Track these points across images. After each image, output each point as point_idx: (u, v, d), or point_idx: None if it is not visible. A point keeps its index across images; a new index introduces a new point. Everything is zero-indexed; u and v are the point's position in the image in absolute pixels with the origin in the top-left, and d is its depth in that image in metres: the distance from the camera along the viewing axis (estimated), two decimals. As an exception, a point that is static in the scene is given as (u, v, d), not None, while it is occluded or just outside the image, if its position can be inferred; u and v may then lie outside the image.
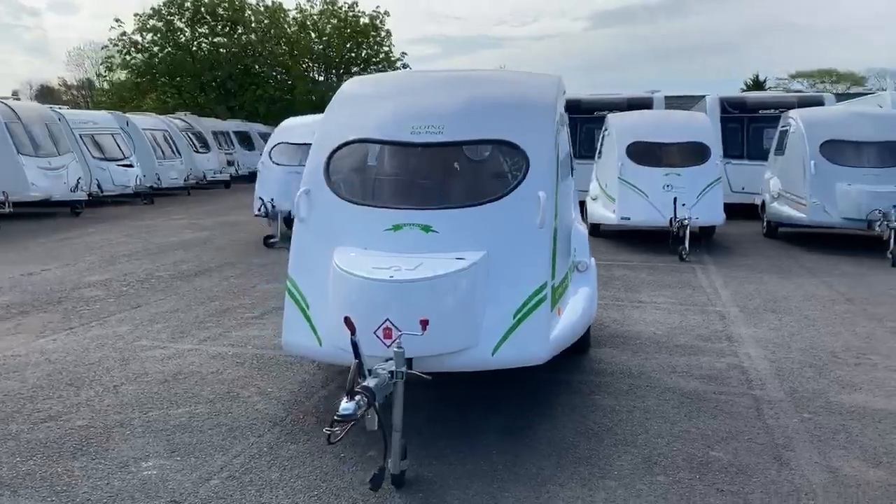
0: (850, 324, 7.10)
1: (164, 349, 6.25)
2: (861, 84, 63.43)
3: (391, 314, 3.83)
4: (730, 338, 6.60)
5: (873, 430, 4.51)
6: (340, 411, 3.28)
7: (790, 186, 12.40)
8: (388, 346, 3.82)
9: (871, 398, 5.07)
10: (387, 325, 3.83)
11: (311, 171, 4.79)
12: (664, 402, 5.00)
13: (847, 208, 11.09)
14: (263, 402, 5.00)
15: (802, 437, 4.41)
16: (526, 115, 4.83)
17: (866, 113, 13.22)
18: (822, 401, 5.01)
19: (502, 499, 3.65)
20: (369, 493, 3.69)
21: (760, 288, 8.83)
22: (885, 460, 4.09)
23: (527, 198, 4.46)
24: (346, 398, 3.31)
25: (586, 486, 3.80)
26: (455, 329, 3.98)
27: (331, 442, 3.50)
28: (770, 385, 5.33)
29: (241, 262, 10.64)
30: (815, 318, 7.33)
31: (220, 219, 16.79)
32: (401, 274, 3.93)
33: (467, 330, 4.06)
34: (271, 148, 13.47)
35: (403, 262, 4.07)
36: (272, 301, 8.08)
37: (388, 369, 3.59)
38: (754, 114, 16.84)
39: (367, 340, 3.85)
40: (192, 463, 4.06)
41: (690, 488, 3.76)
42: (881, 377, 5.50)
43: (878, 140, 11.54)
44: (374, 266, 4.04)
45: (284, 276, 4.81)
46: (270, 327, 6.95)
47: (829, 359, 5.96)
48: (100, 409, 4.85)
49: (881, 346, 6.34)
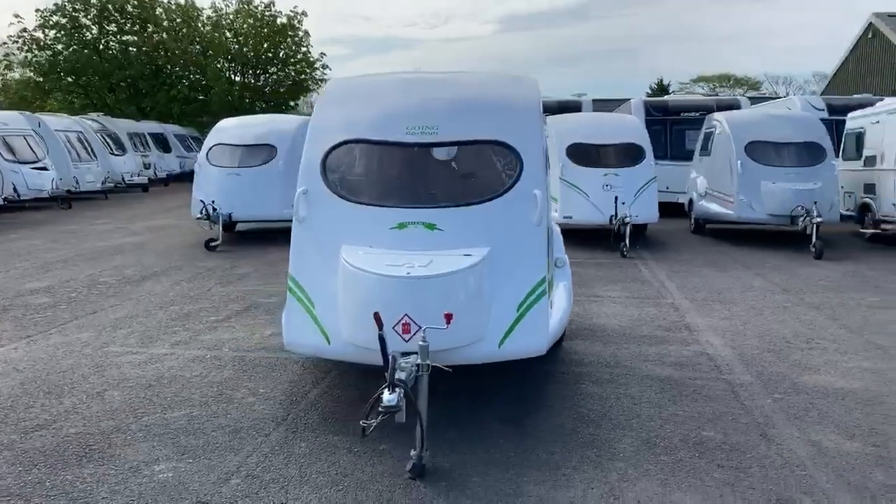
0: (792, 312, 7.61)
1: (136, 354, 6.11)
2: (757, 88, 66.95)
3: (410, 309, 3.93)
4: (688, 327, 6.98)
5: (839, 407, 4.90)
6: (385, 403, 3.38)
7: (717, 185, 13.09)
8: (408, 341, 3.92)
9: (830, 378, 5.49)
10: (405, 321, 3.93)
11: (307, 171, 4.82)
12: (646, 388, 5.28)
13: (772, 205, 11.81)
14: (259, 402, 4.99)
15: (779, 415, 4.76)
16: (516, 115, 5.01)
17: (785, 115, 14.10)
18: (787, 383, 5.40)
19: (523, 484, 3.81)
20: (395, 484, 3.79)
21: (702, 281, 9.33)
22: (857, 433, 4.47)
23: (523, 196, 4.65)
24: (389, 390, 3.40)
25: (598, 467, 4.00)
26: (467, 323, 4.11)
27: (365, 434, 3.59)
28: (738, 370, 5.69)
29: (188, 267, 10.41)
30: (761, 307, 7.82)
31: (148, 223, 16.30)
32: (417, 270, 4.03)
33: (478, 324, 4.20)
34: (209, 149, 13.21)
35: (415, 260, 4.18)
36: (233, 304, 7.99)
37: (414, 362, 3.69)
38: (676, 116, 17.63)
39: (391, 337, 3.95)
40: (206, 464, 4.04)
41: (694, 466, 4.02)
42: (834, 360, 5.96)
43: (797, 141, 12.33)
44: (389, 263, 4.13)
45: (237, 279, 4.81)
46: (241, 330, 6.90)
47: (783, 344, 6.40)
48: (90, 416, 4.74)
49: (825, 332, 6.84)
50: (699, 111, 17.04)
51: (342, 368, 5.60)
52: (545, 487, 3.77)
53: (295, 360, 5.89)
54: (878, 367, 5.76)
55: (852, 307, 7.85)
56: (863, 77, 24.15)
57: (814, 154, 12.23)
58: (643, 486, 3.79)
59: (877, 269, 10.15)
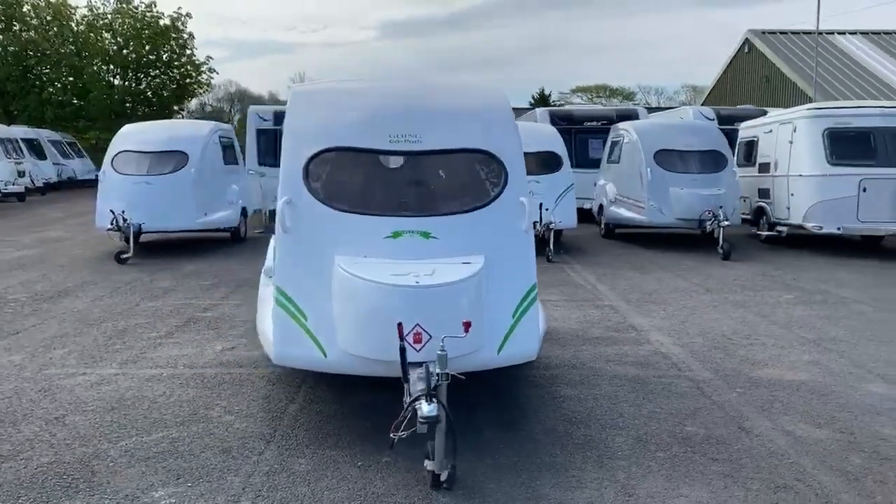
0: (722, 311, 8.07)
1: (84, 375, 5.73)
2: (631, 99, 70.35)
3: (421, 319, 3.90)
4: (634, 328, 7.27)
5: (798, 398, 5.26)
6: (426, 414, 3.35)
7: (627, 191, 13.67)
8: (419, 351, 3.90)
9: (779, 372, 5.87)
10: (417, 330, 3.90)
11: (289, 180, 4.67)
12: (618, 387, 5.46)
13: (681, 210, 12.47)
14: (239, 420, 4.80)
15: (748, 408, 5.05)
16: (495, 124, 5.07)
17: (688, 125, 14.94)
18: (743, 377, 5.73)
19: (538, 487, 3.87)
20: (413, 495, 3.76)
21: (630, 283, 9.72)
22: (822, 422, 4.81)
23: (510, 204, 4.72)
24: (427, 401, 3.37)
25: (602, 467, 4.12)
26: (473, 331, 4.12)
27: (392, 447, 3.54)
28: (695, 367, 5.99)
29: (103, 281, 9.83)
30: (693, 307, 8.25)
31: (37, 235, 15.24)
32: (425, 279, 4.01)
33: (480, 331, 4.22)
34: (113, 156, 12.49)
35: (416, 269, 4.15)
36: (169, 319, 7.63)
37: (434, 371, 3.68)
38: (580, 126, 18.27)
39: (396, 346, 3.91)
40: (207, 487, 3.86)
41: (690, 460, 4.21)
42: (776, 354, 6.37)
43: (700, 149, 13.08)
44: (393, 273, 4.08)
45: (162, 294, 4.65)
46: (189, 346, 6.60)
47: (726, 341, 6.78)
48: (58, 444, 4.41)
49: (758, 328, 7.30)
50: (601, 121, 17.75)
51: (311, 383, 5.47)
52: (560, 490, 3.84)
53: (259, 376, 5.71)
54: (816, 359, 6.21)
55: (773, 304, 8.41)
56: (739, 89, 25.89)
57: (716, 161, 13.01)
58: (651, 483, 3.93)
59: (782, 269, 10.90)
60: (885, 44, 24.41)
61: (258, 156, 17.29)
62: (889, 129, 12.04)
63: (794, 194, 12.68)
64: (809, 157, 12.33)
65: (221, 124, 14.89)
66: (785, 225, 13.04)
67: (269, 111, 18.07)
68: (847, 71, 22.27)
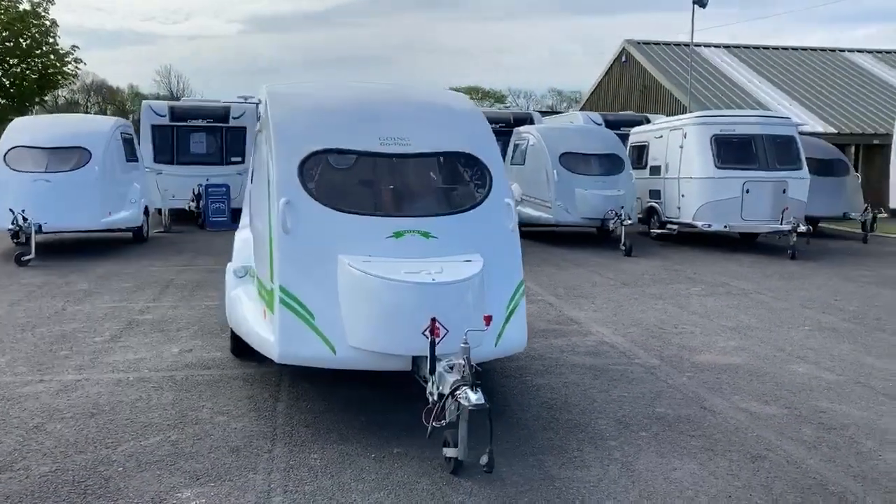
0: (644, 303, 8.71)
1: (42, 383, 5.49)
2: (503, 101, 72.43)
3: (438, 314, 4.10)
4: (574, 321, 7.74)
5: (740, 380, 5.85)
6: (474, 401, 3.56)
7: (534, 192, 14.28)
8: (437, 344, 4.10)
9: (715, 357, 6.49)
10: (435, 325, 4.09)
11: (285, 181, 4.71)
12: (582, 376, 5.86)
13: (586, 209, 13.21)
14: (233, 421, 4.80)
15: (702, 390, 5.58)
16: (476, 128, 5.33)
17: (589, 129, 15.78)
18: (688, 363, 6.29)
19: (548, 469, 4.15)
20: (438, 481, 3.96)
21: (551, 278, 10.25)
22: (767, 399, 5.40)
23: (497, 204, 5.00)
24: (473, 390, 3.59)
25: (598, 447, 4.47)
26: (478, 325, 4.37)
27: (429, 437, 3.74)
28: (641, 355, 6.50)
29: (12, 285, 9.28)
30: (617, 300, 8.84)
31: None
32: (439, 276, 4.21)
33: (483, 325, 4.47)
34: (6, 152, 11.75)
35: (427, 267, 4.34)
36: (108, 323, 7.37)
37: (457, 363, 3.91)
38: None
39: (414, 340, 4.11)
40: (231, 486, 3.89)
41: (671, 438, 4.64)
42: (707, 341, 7.01)
43: (601, 152, 13.89)
44: (406, 271, 4.25)
45: (84, 296, 4.67)
46: (143, 350, 6.43)
47: (658, 331, 7.37)
48: (52, 452, 4.26)
49: (681, 318, 7.96)
50: (498, 123, 18.33)
51: (288, 382, 5.54)
52: (569, 469, 4.16)
53: (232, 377, 5.69)
54: (742, 345, 6.89)
55: (686, 296, 9.16)
56: (617, 95, 27.42)
57: (616, 164, 13.86)
58: (645, 459, 4.32)
59: (681, 264, 11.81)
60: (744, 57, 26.63)
61: (154, 153, 16.65)
62: (768, 135, 13.29)
63: (684, 195, 13.73)
64: (699, 161, 13.38)
65: (122, 120, 14.27)
66: (676, 223, 14.08)
67: (164, 106, 17.46)
68: (715, 81, 24.13)
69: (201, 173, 16.69)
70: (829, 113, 22.78)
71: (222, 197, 16.15)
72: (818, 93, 24.28)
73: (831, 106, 23.29)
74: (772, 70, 25.66)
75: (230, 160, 17.20)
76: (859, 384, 5.74)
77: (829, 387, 5.67)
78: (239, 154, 17.24)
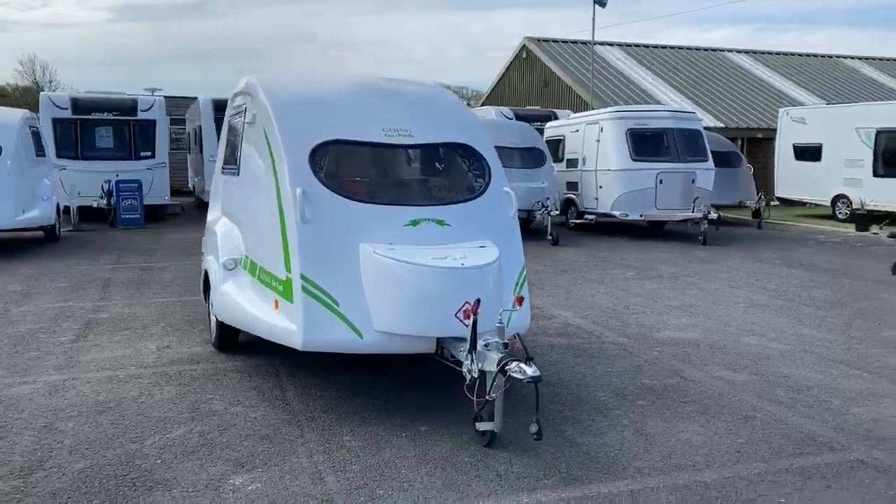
0: (589, 288, 9.19)
1: (27, 385, 5.29)
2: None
3: (469, 297, 4.30)
4: (534, 306, 8.04)
5: (704, 352, 6.36)
6: (530, 374, 3.80)
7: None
8: (468, 326, 4.30)
9: (674, 334, 6.99)
10: (466, 308, 4.29)
11: (298, 172, 4.75)
12: (563, 354, 6.21)
13: (513, 201, 13.62)
14: (250, 411, 4.82)
15: (675, 362, 6.04)
16: (469, 120, 5.55)
17: (512, 124, 16.24)
18: (652, 339, 6.76)
19: (571, 437, 4.44)
20: (476, 452, 4.19)
21: (493, 268, 10.58)
22: (735, 367, 5.92)
23: (497, 193, 5.24)
24: (528, 364, 3.83)
25: (606, 416, 4.81)
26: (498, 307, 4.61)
27: (481, 411, 3.96)
28: (608, 334, 6.92)
29: (-65, 287, 8.69)
30: (565, 286, 9.28)
31: None
32: (466, 262, 4.42)
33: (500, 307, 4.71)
34: None
35: (451, 252, 4.53)
36: (64, 323, 7.10)
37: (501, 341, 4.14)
38: None
39: (444, 323, 4.30)
40: (281, 469, 3.96)
41: (667, 405, 5.04)
42: (661, 319, 7.53)
43: (524, 146, 14.36)
44: (433, 257, 4.43)
45: (24, 298, 4.70)
46: (118, 348, 6.27)
47: (613, 312, 7.84)
48: (78, 449, 4.17)
49: (629, 300, 8.48)
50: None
51: (287, 371, 5.59)
52: (590, 436, 4.47)
53: (226, 370, 5.67)
54: (693, 322, 7.45)
55: (624, 280, 9.73)
56: (518, 91, 28.20)
57: (538, 158, 14.39)
58: (653, 424, 4.69)
59: (606, 251, 12.46)
60: (636, 54, 28.01)
61: (56, 148, 15.79)
62: (678, 129, 14.18)
63: (602, 186, 14.43)
64: (615, 154, 14.11)
65: (29, 112, 13.46)
66: (593, 214, 14.77)
67: (66, 98, 16.60)
68: (612, 78, 25.27)
69: (109, 169, 15.99)
70: (716, 108, 24.37)
71: (134, 193, 15.52)
72: (705, 90, 25.91)
73: (718, 102, 24.92)
74: (662, 68, 27.15)
75: (140, 155, 16.56)
76: (806, 352, 6.37)
77: (783, 355, 6.26)
78: (149, 149, 16.64)
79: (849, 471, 4.03)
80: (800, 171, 18.86)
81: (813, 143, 18.47)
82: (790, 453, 4.25)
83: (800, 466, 4.07)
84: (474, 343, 4.12)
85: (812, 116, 19.08)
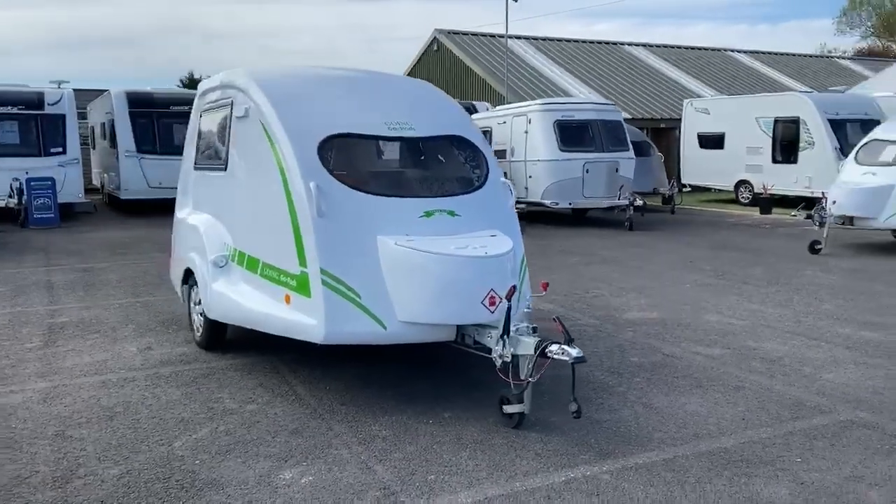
0: (545, 274, 9.28)
1: (15, 394, 5.04)
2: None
3: (494, 285, 4.44)
4: (497, 294, 8.29)
5: (675, 331, 6.74)
6: (575, 355, 3.97)
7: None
8: (493, 313, 4.45)
9: (640, 314, 7.37)
10: (492, 295, 4.43)
11: (308, 166, 4.73)
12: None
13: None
14: (268, 407, 4.79)
15: (652, 341, 6.38)
16: (461, 114, 5.67)
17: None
18: (623, 320, 7.10)
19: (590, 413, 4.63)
20: (507, 434, 4.34)
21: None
22: (709, 343, 6.31)
23: (496, 184, 5.40)
24: (571, 345, 4.00)
25: (613, 394, 5.07)
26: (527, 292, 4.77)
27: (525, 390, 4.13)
28: (582, 317, 7.22)
29: None
30: (519, 273, 9.53)
31: None
32: (487, 250, 4.55)
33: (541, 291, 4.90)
34: None
35: (470, 242, 4.65)
36: (24, 329, 6.76)
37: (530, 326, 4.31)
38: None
39: (468, 310, 4.43)
40: (327, 461, 3.98)
41: (665, 380, 5.35)
42: (623, 302, 7.89)
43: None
44: (455, 247, 4.53)
45: None
46: (96, 352, 6.04)
47: (577, 296, 8.16)
48: (105, 456, 4.04)
49: (585, 284, 8.83)
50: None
51: (287, 368, 5.57)
52: (606, 413, 4.71)
53: (223, 368, 5.59)
54: (652, 303, 7.86)
55: (573, 265, 10.10)
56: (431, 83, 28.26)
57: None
58: (657, 399, 4.99)
59: (545, 239, 12.84)
60: (542, 47, 28.73)
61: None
62: (602, 120, 14.74)
63: (531, 176, 14.82)
64: (544, 144, 14.52)
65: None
66: (524, 203, 15.14)
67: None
68: (522, 70, 25.83)
69: (17, 166, 15.07)
70: (622, 100, 25.32)
71: (47, 191, 14.70)
72: (610, 81, 26.89)
73: (623, 94, 25.91)
74: (568, 61, 27.98)
75: (50, 151, 15.68)
76: (764, 326, 6.86)
77: (745, 330, 6.73)
78: (59, 144, 15.77)
79: (843, 430, 4.43)
80: (704, 159, 19.96)
81: (716, 132, 19.59)
82: (788, 418, 4.63)
83: (801, 429, 4.45)
84: (507, 328, 4.26)
85: (715, 107, 20.22)
